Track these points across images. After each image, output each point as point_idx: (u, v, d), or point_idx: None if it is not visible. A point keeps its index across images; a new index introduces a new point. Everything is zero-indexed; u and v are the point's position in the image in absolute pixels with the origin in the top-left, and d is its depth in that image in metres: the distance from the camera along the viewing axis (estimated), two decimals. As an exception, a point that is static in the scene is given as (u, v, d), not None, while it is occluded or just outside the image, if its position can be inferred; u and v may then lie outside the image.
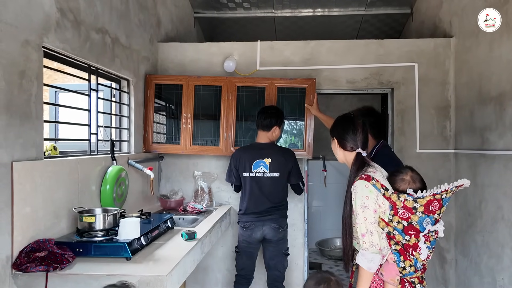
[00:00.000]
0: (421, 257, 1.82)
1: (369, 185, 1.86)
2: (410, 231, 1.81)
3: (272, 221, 2.97)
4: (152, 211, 3.04)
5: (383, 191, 1.86)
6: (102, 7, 2.64)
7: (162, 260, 2.02)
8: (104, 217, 2.16)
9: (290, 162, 3.01)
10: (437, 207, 1.80)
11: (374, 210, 1.85)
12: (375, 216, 1.85)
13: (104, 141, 2.79)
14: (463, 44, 3.30)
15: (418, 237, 1.82)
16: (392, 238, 1.85)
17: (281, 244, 3.05)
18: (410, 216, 1.81)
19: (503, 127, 2.68)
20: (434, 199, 1.79)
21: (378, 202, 1.86)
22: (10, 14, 1.81)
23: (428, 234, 1.81)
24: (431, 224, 1.81)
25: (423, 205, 1.80)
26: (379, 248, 1.85)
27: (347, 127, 2.06)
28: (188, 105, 3.41)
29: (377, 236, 1.85)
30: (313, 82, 3.34)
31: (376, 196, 1.85)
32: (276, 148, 3.06)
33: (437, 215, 1.81)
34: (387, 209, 1.86)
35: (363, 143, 2.03)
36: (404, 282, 1.87)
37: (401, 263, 1.84)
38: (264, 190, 2.96)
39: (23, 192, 1.88)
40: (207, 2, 4.74)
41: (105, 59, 2.70)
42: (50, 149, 2.38)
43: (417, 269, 1.84)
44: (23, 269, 1.81)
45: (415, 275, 1.86)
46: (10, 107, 1.82)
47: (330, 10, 4.85)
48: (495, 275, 2.79)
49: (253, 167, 2.96)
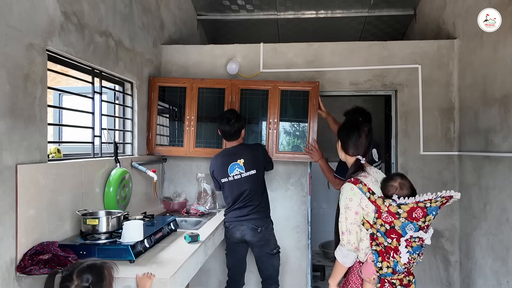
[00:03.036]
0: (401, 260, 1.88)
1: (355, 188, 1.99)
2: (392, 235, 1.89)
3: (250, 221, 2.98)
4: (155, 213, 3.04)
5: (369, 194, 1.96)
6: (106, 11, 2.65)
7: (165, 263, 2.02)
8: (108, 220, 2.16)
9: (260, 153, 3.08)
10: (420, 215, 1.85)
11: (356, 212, 1.98)
12: (356, 217, 1.98)
13: (108, 144, 2.80)
14: (467, 45, 3.28)
15: (399, 241, 1.89)
16: (374, 239, 1.96)
17: (264, 245, 3.02)
18: (393, 221, 1.88)
19: (507, 129, 2.67)
20: (418, 207, 1.85)
21: (362, 205, 1.97)
22: (14, 18, 1.82)
23: (410, 240, 1.87)
24: (415, 230, 1.86)
25: (406, 211, 1.86)
26: (355, 247, 1.99)
27: (352, 133, 2.16)
28: (191, 107, 3.41)
29: (355, 236, 1.98)
30: (316, 85, 3.34)
31: (360, 199, 1.97)
32: (244, 147, 3.10)
33: (422, 222, 1.86)
34: (371, 211, 1.96)
35: (364, 150, 2.13)
36: (384, 281, 1.96)
37: (379, 263, 1.94)
38: (244, 191, 2.98)
39: (27, 195, 1.89)
40: (211, 4, 4.75)
41: (109, 62, 2.71)
42: (54, 152, 2.38)
43: (397, 271, 1.91)
44: (27, 272, 1.81)
45: (396, 277, 1.95)
46: (15, 110, 1.83)
47: (333, 12, 4.84)
48: (500, 278, 2.77)
49: (229, 171, 2.99)
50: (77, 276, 1.54)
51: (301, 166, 3.58)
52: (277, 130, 3.35)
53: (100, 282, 1.57)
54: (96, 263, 1.61)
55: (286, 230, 3.57)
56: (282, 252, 3.48)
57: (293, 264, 3.59)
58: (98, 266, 1.60)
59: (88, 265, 1.58)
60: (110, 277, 1.62)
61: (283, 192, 3.60)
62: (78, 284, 1.53)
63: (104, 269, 1.61)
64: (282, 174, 3.60)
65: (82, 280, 1.54)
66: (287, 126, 3.41)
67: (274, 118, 3.35)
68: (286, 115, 3.38)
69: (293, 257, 3.59)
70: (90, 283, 1.54)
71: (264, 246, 3.03)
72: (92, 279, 1.55)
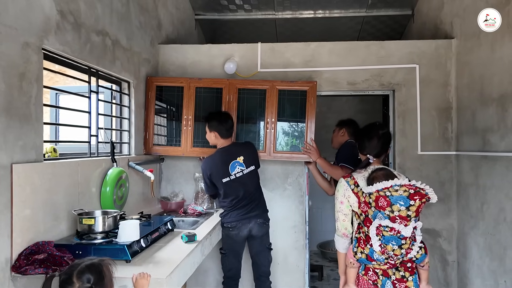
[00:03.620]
0: (375, 248, 1.95)
1: (343, 181, 2.19)
2: (367, 223, 1.99)
3: (257, 216, 3.04)
4: (152, 213, 3.04)
5: (353, 187, 2.12)
6: (102, 10, 2.64)
7: (162, 263, 2.02)
8: (104, 219, 2.15)
9: (254, 152, 3.16)
10: (385, 204, 1.90)
11: (341, 201, 2.17)
12: (341, 206, 2.17)
13: (105, 143, 2.79)
14: (465, 45, 3.29)
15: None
16: (359, 228, 2.09)
17: (265, 238, 3.13)
18: (367, 210, 1.99)
19: (505, 128, 2.67)
20: (380, 196, 1.91)
21: (345, 195, 2.15)
22: (10, 16, 1.81)
23: (380, 228, 1.92)
24: (383, 219, 1.91)
25: (374, 200, 1.95)
26: (342, 233, 2.17)
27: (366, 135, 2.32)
28: (189, 107, 3.41)
29: (341, 223, 2.17)
30: (314, 84, 3.33)
31: (344, 190, 2.16)
32: (239, 144, 3.15)
33: (389, 212, 1.89)
34: (354, 202, 2.11)
35: (377, 151, 2.26)
36: (368, 269, 2.09)
37: (355, 248, 2.07)
38: (247, 187, 3.02)
39: (22, 194, 1.88)
40: (208, 4, 4.74)
41: (106, 61, 2.70)
42: (50, 151, 2.38)
43: (374, 259, 1.98)
44: (22, 272, 1.80)
45: (378, 266, 2.03)
46: (10, 109, 1.82)
47: (331, 12, 4.84)
48: (497, 278, 2.77)
49: (230, 170, 2.99)
50: (78, 278, 1.52)
51: (299, 166, 3.57)
52: (275, 130, 3.35)
53: (101, 280, 1.56)
54: (94, 262, 1.60)
55: (283, 230, 3.56)
56: (280, 252, 3.49)
57: (290, 264, 3.58)
58: (97, 264, 1.59)
59: (87, 265, 1.56)
60: (109, 274, 1.61)
61: (280, 192, 3.59)
62: (80, 286, 1.51)
63: (102, 266, 1.59)
64: (280, 174, 3.59)
65: (83, 281, 1.52)
66: (285, 125, 3.40)
67: (272, 117, 3.34)
68: (284, 115, 3.38)
69: (290, 257, 3.58)
70: (92, 283, 1.53)
71: (265, 239, 3.12)
72: (93, 279, 1.54)
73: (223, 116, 3.09)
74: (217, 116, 3.07)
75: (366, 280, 2.08)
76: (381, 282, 2.04)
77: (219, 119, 3.05)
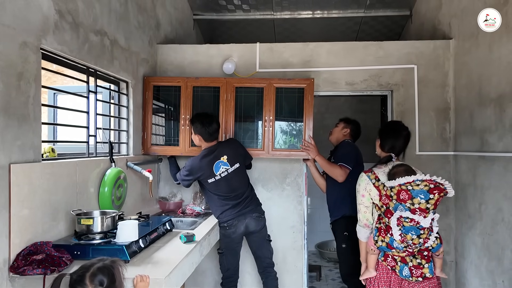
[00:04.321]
0: (395, 237, 2.14)
1: (364, 175, 2.38)
2: (388, 215, 2.19)
3: (251, 211, 3.07)
4: (151, 213, 3.03)
5: (374, 181, 2.31)
6: (101, 9, 2.64)
7: (160, 263, 2.01)
8: (102, 220, 2.14)
9: (239, 148, 3.18)
10: (406, 197, 2.10)
11: (362, 194, 2.36)
12: (362, 199, 2.37)
13: (103, 143, 2.78)
14: (463, 46, 3.29)
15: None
16: (380, 219, 2.28)
17: (264, 231, 3.16)
18: (388, 202, 2.18)
19: (502, 129, 2.68)
20: (401, 189, 2.11)
21: (367, 189, 2.34)
22: (7, 16, 1.81)
23: (401, 219, 2.12)
24: (404, 210, 2.11)
25: (395, 193, 2.13)
26: (364, 223, 2.38)
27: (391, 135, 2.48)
28: (186, 106, 3.40)
29: (363, 214, 2.38)
30: (311, 82, 3.33)
31: (366, 184, 2.35)
32: (222, 144, 3.15)
33: (410, 204, 2.09)
34: (375, 195, 2.30)
35: (399, 149, 2.46)
36: (387, 256, 2.27)
37: (376, 237, 2.27)
38: (234, 185, 3.04)
39: (20, 195, 1.87)
40: (207, 4, 4.73)
41: (104, 61, 2.70)
42: (48, 151, 2.37)
43: (393, 247, 2.18)
44: (21, 272, 1.79)
45: (397, 254, 2.22)
46: (8, 109, 1.81)
47: (329, 12, 4.84)
48: (495, 278, 2.78)
49: (215, 170, 3.00)
50: (90, 280, 1.53)
51: (298, 166, 3.57)
52: (273, 128, 3.34)
53: (113, 283, 1.56)
54: (106, 264, 1.60)
55: (282, 230, 3.56)
56: (279, 252, 3.48)
57: (289, 264, 3.58)
58: (109, 266, 1.59)
59: (99, 268, 1.57)
60: (120, 276, 1.62)
61: (279, 192, 3.59)
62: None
63: (113, 269, 1.60)
64: (279, 174, 3.59)
65: (95, 284, 1.53)
66: (283, 123, 3.40)
67: (270, 115, 3.34)
68: (281, 113, 3.38)
69: (289, 257, 3.58)
70: (105, 286, 1.54)
71: (264, 232, 3.16)
72: (106, 282, 1.54)
73: (207, 119, 3.05)
74: (201, 119, 3.05)
75: (385, 265, 2.28)
76: (399, 267, 2.23)
77: (203, 122, 3.03)
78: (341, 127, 3.39)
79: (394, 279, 2.25)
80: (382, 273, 2.29)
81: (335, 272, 4.84)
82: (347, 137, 3.35)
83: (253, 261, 3.31)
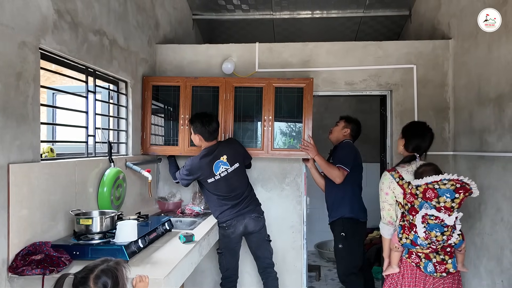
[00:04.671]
0: (419, 234, 2.21)
1: (387, 174, 2.41)
2: (413, 212, 2.25)
3: (250, 212, 3.07)
4: (150, 213, 3.03)
5: (398, 180, 2.35)
6: (100, 9, 2.63)
7: (159, 263, 2.01)
8: (102, 220, 2.14)
9: (239, 147, 3.18)
10: (432, 196, 2.16)
11: (386, 193, 2.39)
12: (386, 197, 2.39)
13: (102, 143, 2.77)
14: (462, 45, 3.29)
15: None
16: (403, 217, 2.33)
17: (263, 232, 3.16)
18: (413, 200, 2.24)
19: (502, 128, 2.68)
20: (428, 188, 2.18)
21: (391, 188, 2.37)
22: (6, 16, 1.80)
23: (426, 217, 2.18)
24: (430, 208, 2.17)
25: (421, 192, 2.20)
26: (387, 221, 2.41)
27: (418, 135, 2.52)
28: (185, 106, 3.40)
29: (387, 212, 2.41)
30: (310, 81, 3.34)
31: (389, 183, 2.38)
32: (222, 143, 3.14)
33: (436, 202, 2.16)
34: (399, 194, 2.34)
35: (424, 150, 2.51)
36: (411, 253, 2.32)
37: (400, 234, 2.32)
38: (233, 185, 3.04)
39: (19, 195, 1.87)
40: (206, 4, 4.73)
41: (103, 61, 2.69)
42: (47, 151, 2.36)
43: (417, 244, 2.24)
44: (19, 272, 1.79)
45: (421, 250, 2.28)
46: (7, 108, 1.81)
47: (328, 12, 4.84)
48: (495, 278, 2.78)
49: (214, 170, 3.00)
50: (94, 282, 1.53)
51: (297, 165, 3.57)
52: (272, 128, 3.34)
53: (116, 285, 1.56)
54: (110, 266, 1.60)
55: (281, 230, 3.56)
56: (278, 252, 3.48)
57: (288, 264, 3.58)
58: (112, 269, 1.59)
59: (103, 270, 1.56)
60: (123, 278, 1.61)
61: (278, 192, 3.59)
62: None
63: (117, 271, 1.60)
64: (278, 174, 3.59)
65: (99, 287, 1.53)
66: (282, 123, 3.41)
67: (269, 115, 3.34)
68: (281, 112, 3.38)
69: (288, 257, 3.58)
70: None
71: (263, 232, 3.16)
72: (110, 284, 1.54)
73: (207, 118, 3.05)
74: (201, 119, 3.05)
75: (410, 262, 2.33)
76: (423, 264, 2.29)
77: (202, 122, 3.03)
78: (341, 126, 3.38)
79: (419, 275, 2.31)
80: (406, 269, 2.34)
81: (334, 272, 4.84)
82: (347, 137, 3.35)
83: (252, 261, 3.31)
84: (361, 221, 3.21)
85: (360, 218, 3.20)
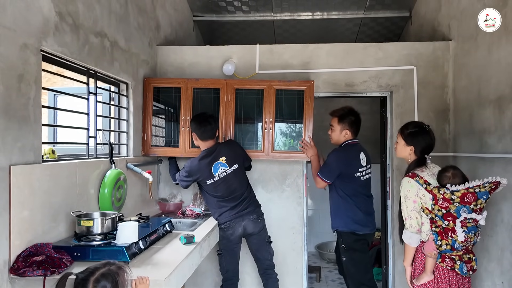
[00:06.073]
0: (458, 239, 2.20)
1: (412, 181, 2.33)
2: (448, 217, 2.21)
3: (250, 213, 3.07)
4: (150, 214, 3.03)
5: (425, 185, 2.29)
6: (101, 11, 2.64)
7: (160, 264, 2.02)
8: (102, 221, 2.15)
9: (238, 149, 3.20)
10: (472, 199, 2.16)
11: (414, 201, 2.33)
12: (414, 205, 2.33)
13: (103, 145, 2.78)
14: (462, 47, 3.30)
15: (455, 223, 2.20)
16: (434, 223, 2.28)
17: (263, 233, 3.16)
18: (448, 206, 2.20)
19: (502, 130, 2.68)
20: (468, 192, 2.16)
21: (419, 195, 2.30)
22: (8, 18, 1.81)
23: (465, 221, 2.18)
24: (468, 212, 2.17)
25: (459, 196, 2.17)
26: (417, 229, 2.35)
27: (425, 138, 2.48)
28: (186, 108, 3.41)
29: (415, 220, 2.34)
30: (311, 84, 3.34)
31: (417, 190, 2.31)
32: (221, 144, 3.15)
33: (474, 205, 2.17)
34: (428, 199, 2.27)
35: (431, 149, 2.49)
36: (444, 257, 2.30)
37: (438, 241, 2.26)
38: (232, 186, 3.05)
39: (21, 196, 1.88)
40: (207, 5, 4.74)
41: (104, 63, 2.70)
42: (48, 153, 2.37)
43: (455, 248, 2.23)
44: (21, 274, 1.80)
45: (455, 253, 2.27)
46: (8, 110, 1.82)
47: (329, 14, 4.85)
48: (495, 279, 2.78)
49: (213, 171, 3.01)
50: (93, 286, 1.53)
51: (297, 167, 3.58)
52: (273, 130, 3.35)
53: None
54: (111, 270, 1.60)
55: (281, 231, 3.57)
56: (278, 253, 3.48)
57: (288, 265, 3.58)
58: (113, 273, 1.59)
59: (103, 274, 1.57)
60: (124, 282, 1.62)
61: (279, 193, 3.60)
62: None
63: (118, 276, 1.60)
64: (278, 175, 3.60)
65: None
66: (283, 125, 3.41)
67: (270, 117, 3.35)
68: (281, 115, 3.38)
69: (288, 259, 3.58)
70: None
71: (263, 234, 3.15)
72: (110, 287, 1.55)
73: (202, 117, 3.09)
74: (197, 118, 3.10)
75: (443, 266, 2.31)
76: (458, 266, 2.28)
77: (198, 121, 3.07)
78: (338, 130, 3.13)
79: (452, 278, 2.31)
80: (441, 274, 2.33)
81: (335, 273, 4.84)
82: (349, 138, 3.23)
83: (253, 262, 3.32)
84: (358, 233, 2.99)
85: (356, 230, 2.98)
